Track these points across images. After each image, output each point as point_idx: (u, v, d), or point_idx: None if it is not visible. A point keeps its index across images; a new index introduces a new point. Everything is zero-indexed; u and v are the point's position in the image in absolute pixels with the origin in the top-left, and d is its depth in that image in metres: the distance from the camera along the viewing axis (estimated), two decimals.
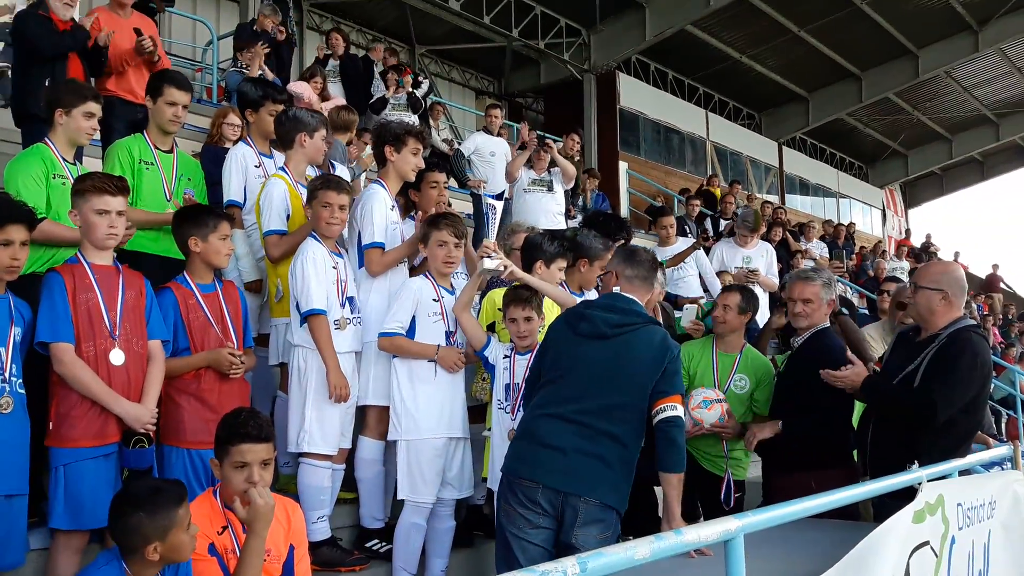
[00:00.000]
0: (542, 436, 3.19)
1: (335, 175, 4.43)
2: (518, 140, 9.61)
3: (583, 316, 3.37)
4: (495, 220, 4.00)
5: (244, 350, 3.60)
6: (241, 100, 4.94)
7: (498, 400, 3.95)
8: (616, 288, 3.49)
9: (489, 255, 3.80)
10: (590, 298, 4.19)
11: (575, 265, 4.38)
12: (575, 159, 9.14)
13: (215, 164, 4.74)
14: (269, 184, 4.23)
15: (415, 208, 4.47)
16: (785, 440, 3.97)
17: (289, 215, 4.17)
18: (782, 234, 11.61)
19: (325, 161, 4.93)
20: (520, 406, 3.73)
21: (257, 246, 4.43)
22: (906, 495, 2.92)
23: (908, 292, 4.17)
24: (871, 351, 4.95)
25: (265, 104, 4.67)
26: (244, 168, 4.58)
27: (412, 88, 10.15)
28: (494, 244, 3.88)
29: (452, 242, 3.94)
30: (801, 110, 22.31)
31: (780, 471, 4.07)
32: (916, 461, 3.17)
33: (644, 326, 3.31)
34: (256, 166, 4.60)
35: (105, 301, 3.18)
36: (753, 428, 4.10)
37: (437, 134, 11.28)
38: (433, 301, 3.96)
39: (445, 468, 3.92)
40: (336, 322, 3.85)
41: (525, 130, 9.70)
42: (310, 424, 3.79)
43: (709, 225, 11.28)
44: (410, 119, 9.18)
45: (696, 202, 11.75)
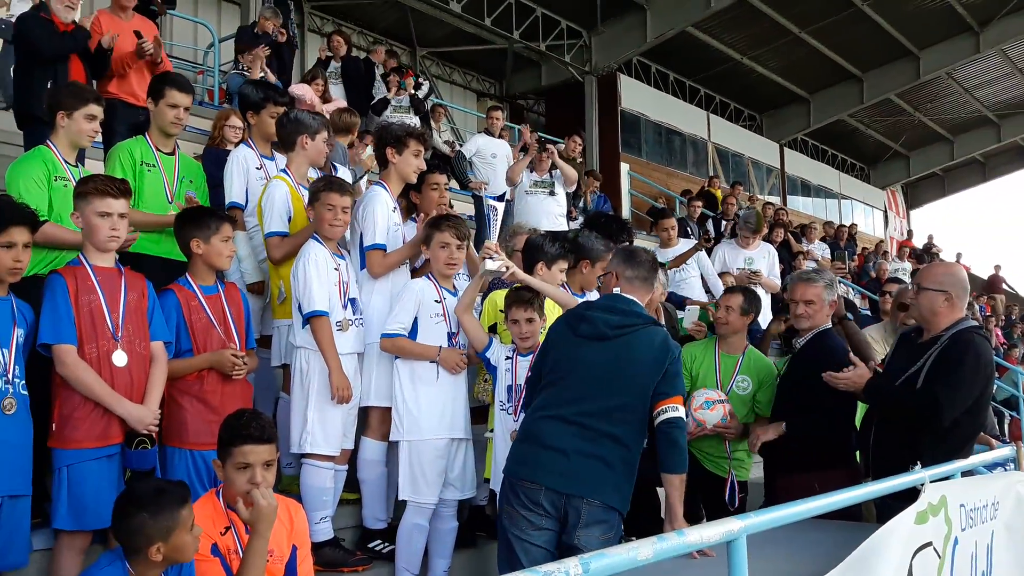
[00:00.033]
0: (543, 438, 3.18)
1: (337, 177, 4.44)
2: (519, 142, 9.60)
3: (583, 317, 3.36)
4: (496, 222, 4.00)
5: (246, 351, 3.61)
6: (242, 102, 4.95)
7: (500, 401, 3.95)
8: (616, 289, 3.48)
9: (491, 256, 3.82)
10: (591, 299, 4.19)
11: (577, 266, 4.38)
12: (577, 161, 9.13)
13: (217, 166, 4.75)
14: (271, 186, 4.24)
15: (417, 210, 4.48)
16: (787, 441, 3.96)
17: (291, 217, 4.17)
18: (784, 235, 11.61)
19: (327, 163, 4.94)
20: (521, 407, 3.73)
21: (259, 248, 4.43)
22: (909, 496, 2.93)
23: (910, 293, 4.16)
24: (874, 354, 4.95)
25: (266, 106, 4.68)
26: (245, 170, 4.58)
27: (413, 90, 10.17)
28: (496, 246, 3.88)
29: (454, 244, 3.95)
30: (802, 111, 22.30)
31: (782, 472, 4.06)
32: (919, 462, 3.17)
33: (645, 327, 3.29)
34: (257, 168, 4.61)
35: (107, 303, 3.19)
36: (757, 430, 4.10)
37: (438, 136, 11.29)
38: (435, 302, 3.97)
39: (447, 469, 3.92)
40: (338, 323, 3.85)
41: (526, 132, 9.71)
42: (312, 425, 3.79)
43: (711, 226, 11.28)
44: (412, 121, 9.18)
45: (697, 203, 11.76)
